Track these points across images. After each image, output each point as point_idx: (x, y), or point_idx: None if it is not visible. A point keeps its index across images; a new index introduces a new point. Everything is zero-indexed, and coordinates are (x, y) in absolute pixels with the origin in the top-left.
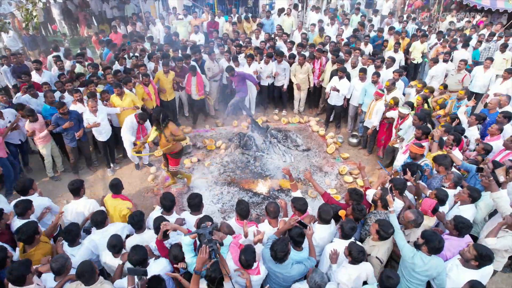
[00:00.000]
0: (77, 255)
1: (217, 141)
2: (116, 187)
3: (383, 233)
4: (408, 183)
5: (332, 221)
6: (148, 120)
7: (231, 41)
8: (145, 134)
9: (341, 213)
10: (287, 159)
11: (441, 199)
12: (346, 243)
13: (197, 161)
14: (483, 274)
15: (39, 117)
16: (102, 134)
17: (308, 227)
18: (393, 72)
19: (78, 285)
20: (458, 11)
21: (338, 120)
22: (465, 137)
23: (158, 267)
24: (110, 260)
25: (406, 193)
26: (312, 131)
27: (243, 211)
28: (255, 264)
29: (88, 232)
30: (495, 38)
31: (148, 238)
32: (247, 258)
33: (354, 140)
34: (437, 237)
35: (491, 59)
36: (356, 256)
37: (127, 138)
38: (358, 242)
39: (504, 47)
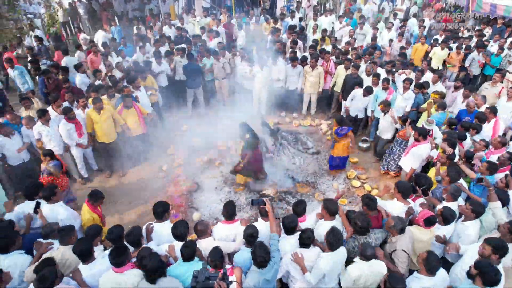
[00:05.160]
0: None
1: (228, 141)
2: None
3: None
4: None
5: (338, 216)
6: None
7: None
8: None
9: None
10: (296, 162)
11: (446, 217)
12: (309, 251)
13: (208, 160)
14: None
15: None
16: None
17: (265, 201)
18: (414, 87)
19: None
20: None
21: (357, 129)
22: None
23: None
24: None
25: None
26: (323, 134)
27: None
28: (227, 266)
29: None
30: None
31: None
32: (213, 258)
33: (364, 145)
34: (493, 269)
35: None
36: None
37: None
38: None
39: None
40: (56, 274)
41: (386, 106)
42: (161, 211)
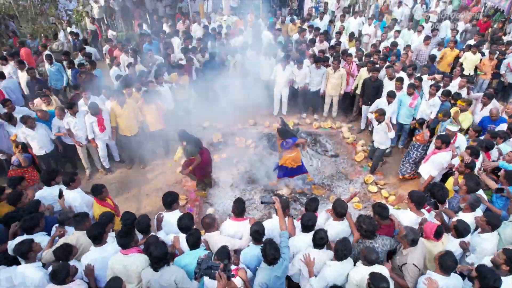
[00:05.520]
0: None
1: (247, 140)
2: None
3: None
4: None
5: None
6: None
7: None
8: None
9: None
10: (313, 163)
11: (460, 231)
12: (321, 252)
13: (226, 157)
14: None
15: None
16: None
17: (274, 200)
18: (442, 95)
19: None
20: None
21: None
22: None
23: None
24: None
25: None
26: (342, 137)
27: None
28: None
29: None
30: None
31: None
32: (220, 256)
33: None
34: (493, 274)
35: None
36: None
37: None
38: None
39: None
40: (69, 272)
41: (380, 115)
42: (169, 201)
